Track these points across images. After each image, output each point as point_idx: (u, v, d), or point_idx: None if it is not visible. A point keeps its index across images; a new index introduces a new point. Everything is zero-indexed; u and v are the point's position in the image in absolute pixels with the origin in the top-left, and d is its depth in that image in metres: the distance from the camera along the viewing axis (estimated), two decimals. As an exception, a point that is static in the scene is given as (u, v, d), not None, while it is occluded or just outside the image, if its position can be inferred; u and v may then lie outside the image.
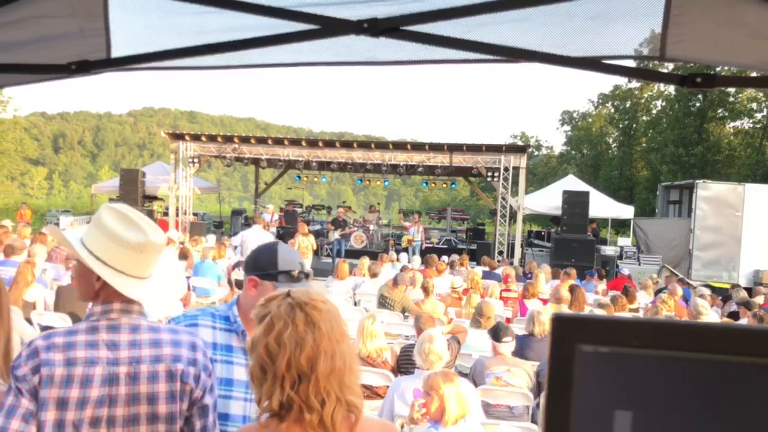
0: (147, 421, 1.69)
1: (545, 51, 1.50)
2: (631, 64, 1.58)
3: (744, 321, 7.74)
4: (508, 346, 4.78)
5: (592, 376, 0.63)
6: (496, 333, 4.81)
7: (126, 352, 1.69)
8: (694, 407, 0.63)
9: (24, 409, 1.58)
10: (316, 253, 17.51)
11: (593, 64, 1.53)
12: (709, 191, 16.03)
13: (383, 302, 7.59)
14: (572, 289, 7.69)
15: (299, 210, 21.16)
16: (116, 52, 1.85)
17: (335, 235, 17.48)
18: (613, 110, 38.83)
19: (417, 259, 12.18)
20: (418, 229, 17.42)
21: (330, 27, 1.57)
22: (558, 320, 0.65)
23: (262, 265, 2.07)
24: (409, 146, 18.16)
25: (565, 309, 6.89)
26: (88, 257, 1.71)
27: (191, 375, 1.75)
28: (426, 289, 7.66)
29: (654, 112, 36.24)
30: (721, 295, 11.18)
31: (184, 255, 10.69)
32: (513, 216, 17.41)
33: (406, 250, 16.66)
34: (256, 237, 11.98)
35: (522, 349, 5.34)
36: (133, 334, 1.72)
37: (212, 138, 18.78)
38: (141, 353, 1.70)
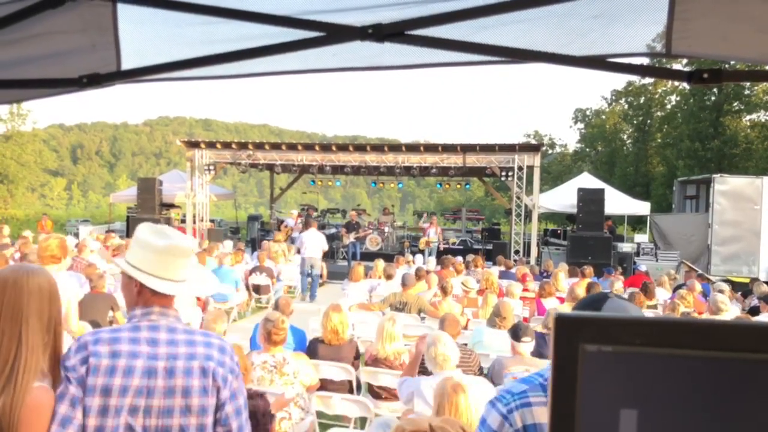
0: (180, 413, 1.81)
1: (549, 51, 1.50)
2: (637, 61, 1.57)
3: (765, 316, 7.62)
4: (527, 345, 4.76)
5: (596, 375, 0.63)
6: (516, 332, 4.78)
7: (164, 348, 1.83)
8: (700, 406, 0.63)
9: (71, 395, 1.73)
10: (331, 256, 17.63)
11: (598, 63, 1.52)
12: (726, 185, 15.83)
13: (397, 307, 7.57)
14: (589, 287, 7.64)
15: (315, 213, 21.23)
16: (126, 65, 1.88)
17: (350, 238, 17.53)
18: (626, 106, 38.48)
19: (433, 260, 12.17)
20: (436, 231, 17.42)
21: (335, 33, 1.59)
22: (560, 320, 0.65)
23: None
24: (422, 148, 18.15)
25: (571, 306, 6.83)
26: (125, 266, 1.91)
27: (220, 374, 1.87)
28: (444, 289, 7.64)
29: (668, 107, 35.86)
30: (742, 290, 11.03)
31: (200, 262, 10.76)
32: (528, 215, 17.33)
33: (422, 251, 16.64)
34: (312, 237, 12.77)
35: (540, 349, 5.31)
36: (170, 333, 1.86)
37: (227, 145, 18.91)
38: (177, 350, 1.84)
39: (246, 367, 3.48)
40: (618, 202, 17.78)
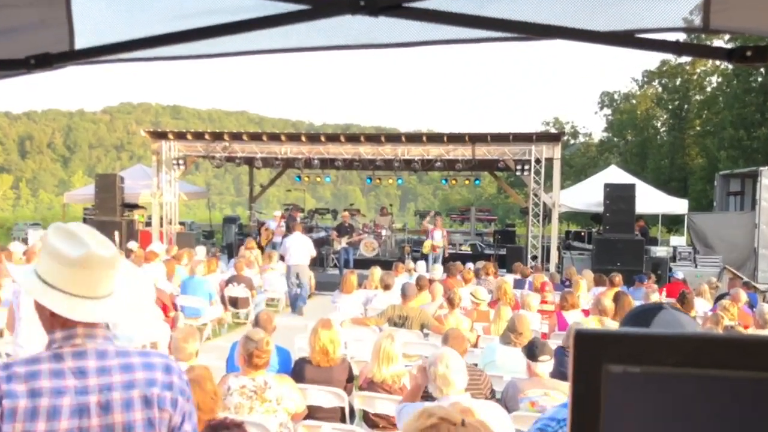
0: None
1: (570, 26, 1.50)
2: (671, 37, 1.56)
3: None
4: (545, 365, 4.76)
5: (622, 400, 0.64)
6: (532, 351, 4.79)
7: (95, 379, 1.73)
8: (742, 433, 0.63)
9: None
10: (319, 264, 17.63)
11: (626, 39, 1.52)
12: (775, 180, 15.86)
13: (396, 322, 7.57)
14: (618, 298, 7.64)
15: (301, 214, 21.21)
16: (80, 43, 1.87)
17: (341, 243, 17.53)
18: (660, 89, 38.59)
19: (438, 267, 12.18)
20: (442, 233, 17.36)
21: (322, 7, 1.58)
22: (581, 337, 0.65)
23: None
24: (425, 138, 18.19)
25: (609, 322, 6.85)
26: (29, 282, 1.77)
27: (168, 399, 1.79)
28: (451, 301, 7.65)
29: (709, 90, 35.96)
30: (793, 300, 11.06)
31: (170, 272, 10.76)
32: (547, 215, 17.34)
33: (425, 257, 16.64)
34: (298, 241, 12.78)
35: (562, 368, 5.32)
36: (101, 360, 1.76)
37: (199, 135, 18.90)
38: (112, 379, 1.74)
39: (216, 393, 3.46)
40: (651, 200, 17.80)
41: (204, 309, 9.96)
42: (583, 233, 21.01)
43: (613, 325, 6.92)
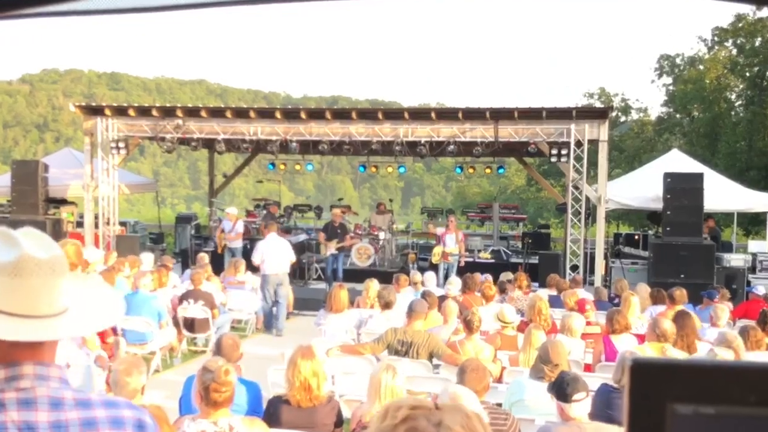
0: None
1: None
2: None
3: None
4: (581, 405, 4.76)
5: (691, 449, 0.64)
6: (562, 389, 4.79)
7: None
8: None
9: None
10: (300, 275, 17.63)
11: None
12: None
13: (398, 350, 7.57)
14: (680, 319, 7.65)
15: (276, 212, 21.24)
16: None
17: (330, 249, 17.47)
18: (735, 52, 38.56)
19: (455, 281, 12.13)
20: (456, 237, 17.26)
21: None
22: (639, 369, 0.65)
23: None
24: (433, 114, 18.11)
25: (670, 349, 6.86)
26: None
27: None
28: (469, 323, 7.65)
29: (798, 52, 35.93)
30: None
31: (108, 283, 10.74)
32: (591, 213, 17.34)
33: (435, 267, 16.61)
34: (275, 245, 12.94)
35: (607, 408, 5.32)
36: (55, 411, 1.70)
37: (145, 111, 18.87)
38: None
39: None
40: (724, 193, 17.80)
41: (152, 333, 9.96)
42: (636, 236, 21.00)
43: (676, 354, 6.93)
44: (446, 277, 15.10)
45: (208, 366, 4.44)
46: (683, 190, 15.54)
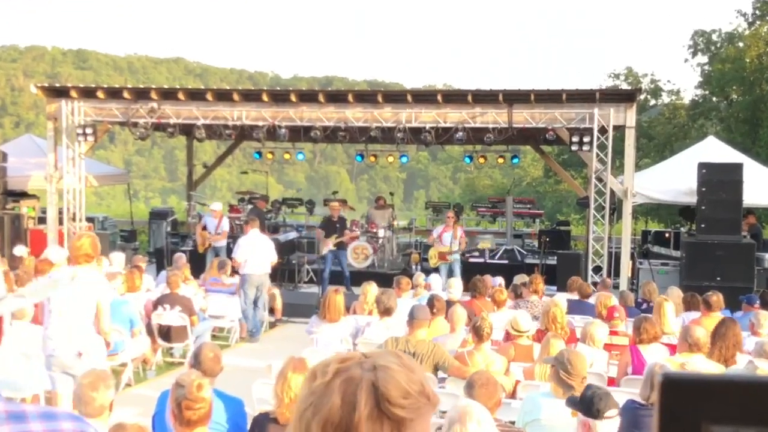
0: None
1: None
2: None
3: None
4: (611, 424, 4.76)
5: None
6: (591, 404, 4.78)
7: None
8: None
9: None
10: (289, 278, 17.64)
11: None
12: None
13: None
14: (722, 328, 7.66)
15: (264, 207, 21.22)
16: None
17: (327, 246, 17.42)
18: (780, 27, 38.57)
19: (458, 283, 12.14)
20: (455, 234, 17.26)
21: None
22: (671, 385, 0.65)
23: None
24: (440, 97, 18.14)
25: (703, 361, 6.86)
26: None
27: None
28: (478, 331, 7.64)
29: None
30: None
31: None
32: (616, 208, 17.35)
33: (437, 269, 16.64)
34: (257, 242, 13.12)
35: (633, 428, 5.33)
36: None
37: (115, 93, 18.90)
38: None
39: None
40: (766, 186, 17.82)
41: (122, 342, 9.96)
42: (667, 234, 21.04)
43: (713, 367, 6.92)
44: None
45: (180, 380, 4.44)
46: (720, 183, 15.52)
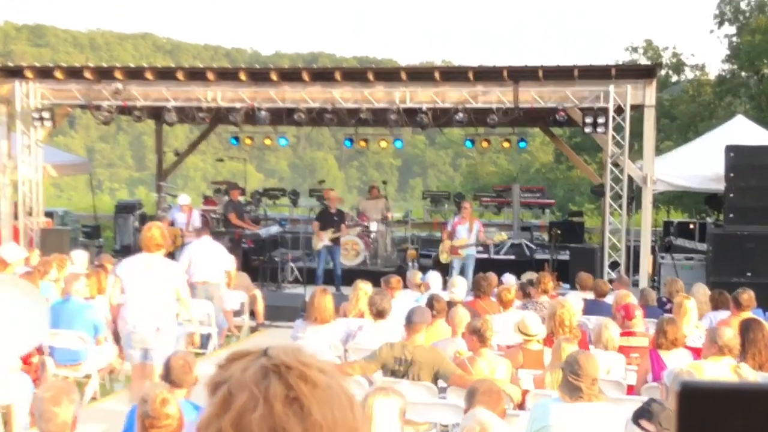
0: None
1: None
2: None
3: None
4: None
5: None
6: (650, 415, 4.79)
7: None
8: None
9: None
10: (272, 277, 17.61)
11: None
12: None
13: (395, 369, 7.55)
14: (749, 330, 7.66)
15: (241, 198, 21.18)
16: None
17: (323, 240, 17.35)
18: (814, -7, 38.58)
19: (460, 281, 12.10)
20: (471, 227, 17.11)
21: None
22: (689, 394, 0.65)
23: None
24: (438, 74, 18.12)
25: (731, 366, 6.87)
26: None
27: None
28: (481, 334, 7.64)
29: None
30: None
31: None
32: (635, 196, 17.35)
33: (445, 268, 16.50)
34: (205, 251, 13.34)
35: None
36: None
37: (75, 73, 18.88)
38: None
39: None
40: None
41: (86, 351, 9.94)
42: (691, 226, 21.07)
43: (744, 373, 6.91)
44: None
45: (144, 395, 4.44)
46: (750, 167, 15.50)
